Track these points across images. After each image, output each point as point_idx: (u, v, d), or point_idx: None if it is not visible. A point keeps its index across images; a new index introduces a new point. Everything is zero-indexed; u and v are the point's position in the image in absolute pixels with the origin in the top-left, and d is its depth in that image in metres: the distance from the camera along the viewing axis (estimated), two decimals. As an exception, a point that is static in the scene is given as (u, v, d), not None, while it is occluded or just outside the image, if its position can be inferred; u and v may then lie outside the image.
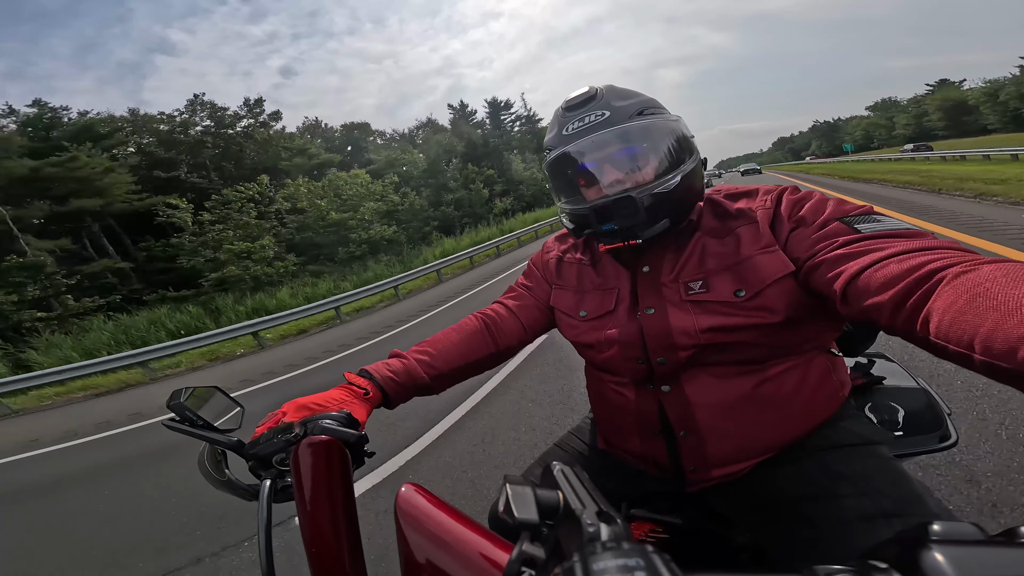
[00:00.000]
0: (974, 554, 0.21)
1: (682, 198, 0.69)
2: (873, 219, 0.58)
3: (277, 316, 9.38)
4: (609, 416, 0.82)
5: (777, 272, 0.63)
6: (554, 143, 0.75)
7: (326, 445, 0.56)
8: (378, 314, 9.67)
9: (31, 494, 3.68)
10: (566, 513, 0.27)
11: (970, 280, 0.41)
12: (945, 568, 0.20)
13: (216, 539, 2.37)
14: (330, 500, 0.54)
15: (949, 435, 0.93)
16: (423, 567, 0.42)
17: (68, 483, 3.75)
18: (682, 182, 0.68)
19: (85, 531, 2.82)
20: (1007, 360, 0.35)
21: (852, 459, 0.65)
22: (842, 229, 0.58)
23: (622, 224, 0.68)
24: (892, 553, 0.23)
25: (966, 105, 66.96)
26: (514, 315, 0.90)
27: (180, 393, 0.62)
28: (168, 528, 2.60)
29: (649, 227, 0.68)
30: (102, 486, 3.51)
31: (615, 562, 0.20)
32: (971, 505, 1.48)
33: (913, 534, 0.23)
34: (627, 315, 0.74)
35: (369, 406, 0.70)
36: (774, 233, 0.66)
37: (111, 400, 7.02)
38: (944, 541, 0.21)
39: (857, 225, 0.58)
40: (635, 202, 0.66)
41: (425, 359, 0.79)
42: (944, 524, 0.23)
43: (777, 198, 0.69)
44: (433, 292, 10.80)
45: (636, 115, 0.70)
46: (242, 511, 2.50)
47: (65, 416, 6.45)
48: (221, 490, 0.61)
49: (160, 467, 3.63)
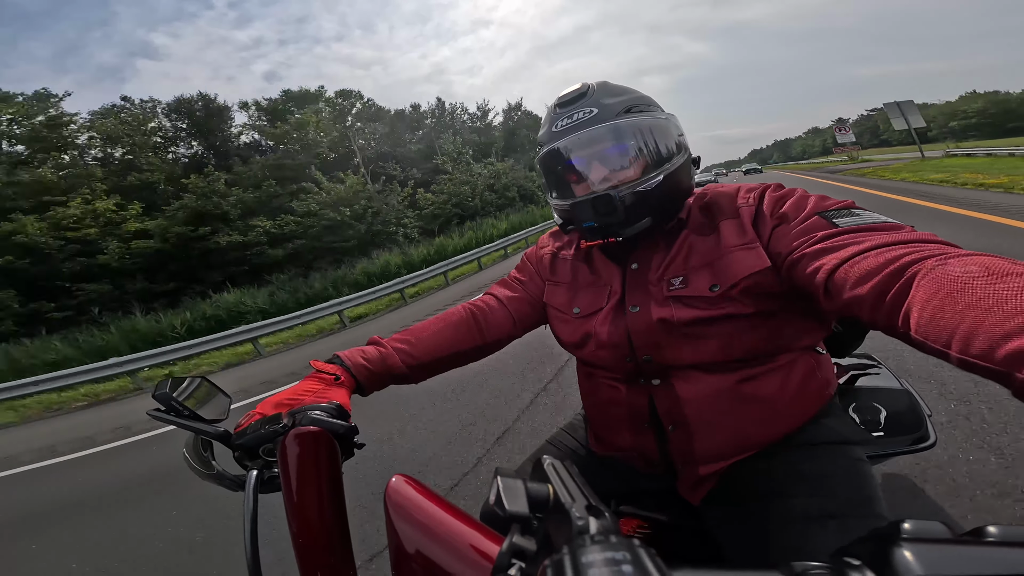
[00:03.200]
0: (942, 552, 0.22)
1: (666, 196, 0.70)
2: (852, 213, 0.59)
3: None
4: (600, 411, 0.83)
5: (752, 267, 0.64)
6: (544, 139, 0.76)
7: (314, 436, 0.55)
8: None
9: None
10: (556, 506, 0.27)
11: (947, 274, 0.42)
12: (914, 565, 0.21)
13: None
14: (318, 491, 0.54)
15: (928, 436, 0.96)
16: (413, 558, 0.42)
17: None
18: (665, 181, 0.69)
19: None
20: (986, 359, 0.36)
21: (820, 459, 0.67)
22: (821, 223, 0.59)
23: (601, 222, 0.69)
24: (865, 550, 0.24)
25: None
26: (504, 307, 0.89)
27: (166, 383, 0.60)
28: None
29: (630, 225, 0.69)
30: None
31: (603, 555, 0.21)
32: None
33: (885, 532, 0.24)
34: (614, 313, 0.75)
35: (346, 391, 0.68)
36: (756, 230, 0.66)
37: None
38: (914, 539, 0.22)
39: (836, 219, 0.58)
40: (613, 200, 0.67)
41: (404, 348, 0.78)
42: (914, 523, 0.24)
43: (760, 195, 0.69)
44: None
45: (624, 112, 0.71)
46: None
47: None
48: (207, 481, 0.60)
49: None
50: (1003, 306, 0.36)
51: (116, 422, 5.42)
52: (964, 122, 69.34)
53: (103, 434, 5.04)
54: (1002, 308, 0.36)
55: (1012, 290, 0.36)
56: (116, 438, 4.79)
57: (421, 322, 0.85)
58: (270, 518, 0.59)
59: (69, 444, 4.95)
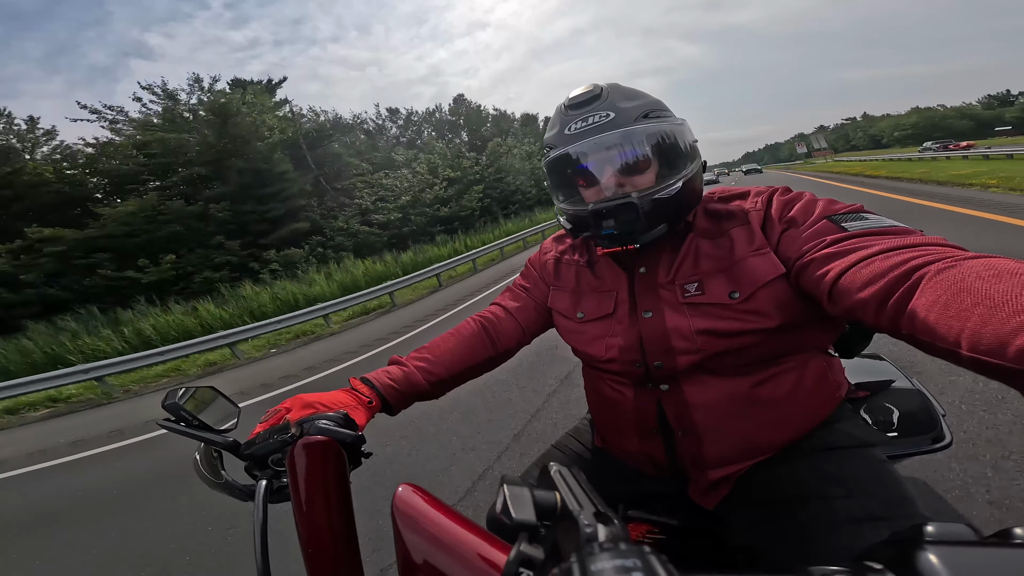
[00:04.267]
0: (968, 555, 0.21)
1: (682, 203, 0.69)
2: (861, 217, 0.59)
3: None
4: (607, 415, 0.82)
5: (768, 274, 0.63)
6: (555, 141, 0.74)
7: (322, 445, 0.55)
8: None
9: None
10: (563, 514, 0.27)
11: (952, 276, 0.42)
12: (939, 569, 0.20)
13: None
14: (326, 501, 0.54)
15: (943, 436, 0.93)
16: (421, 568, 0.41)
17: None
18: (683, 187, 0.68)
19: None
20: (996, 356, 0.35)
21: (844, 461, 0.65)
22: (830, 227, 0.59)
23: (622, 229, 0.68)
24: (887, 554, 0.23)
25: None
26: (512, 317, 0.90)
27: (176, 393, 0.61)
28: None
29: (647, 232, 0.69)
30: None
31: (612, 563, 0.20)
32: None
33: (907, 535, 0.23)
34: (627, 319, 0.74)
35: (370, 413, 0.70)
36: (766, 235, 0.66)
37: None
38: (938, 542, 0.22)
39: (844, 223, 0.58)
40: (636, 208, 0.66)
41: (424, 365, 0.80)
42: (938, 525, 0.23)
43: (768, 199, 0.69)
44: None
45: (642, 117, 0.69)
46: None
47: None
48: (217, 491, 0.61)
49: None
50: (1011, 303, 0.36)
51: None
52: (903, 132, 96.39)
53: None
54: (1010, 304, 0.36)
55: (1020, 287, 0.36)
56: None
57: (435, 339, 0.86)
58: (280, 527, 0.58)
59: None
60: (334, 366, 5.79)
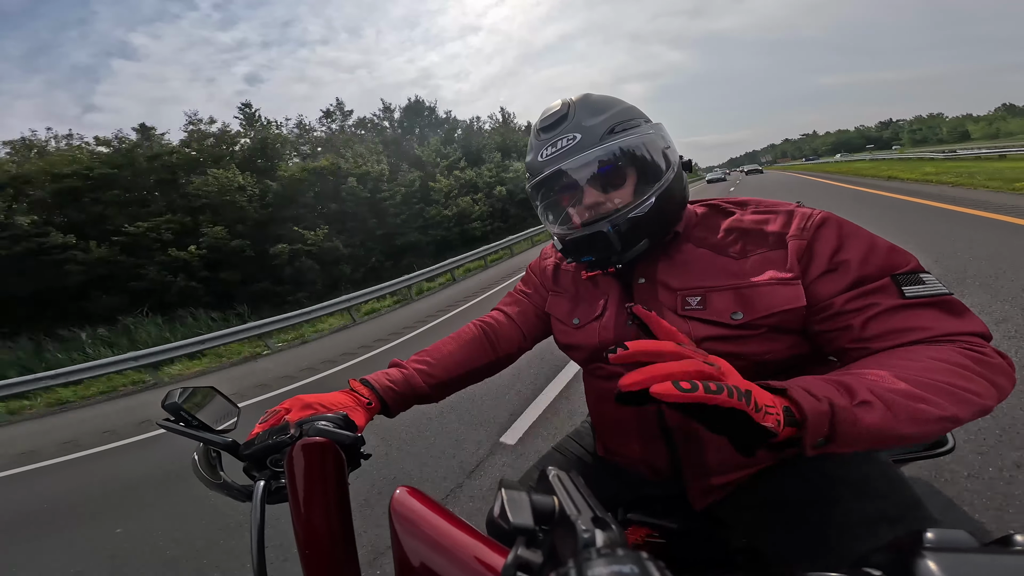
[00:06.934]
0: (968, 561, 0.21)
1: (660, 216, 0.68)
2: (919, 280, 0.56)
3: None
4: (608, 420, 0.82)
5: (785, 303, 0.60)
6: (531, 168, 0.75)
7: (321, 447, 0.55)
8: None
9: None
10: (561, 518, 0.27)
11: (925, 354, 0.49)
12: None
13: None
14: (324, 502, 0.54)
15: (946, 441, 0.93)
16: (418, 571, 0.41)
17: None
18: (658, 201, 0.67)
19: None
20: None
21: (852, 464, 0.64)
22: (891, 289, 0.56)
23: (598, 256, 0.70)
24: (886, 560, 0.23)
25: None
26: (513, 322, 0.91)
27: (175, 393, 0.61)
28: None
29: (627, 252, 0.69)
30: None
31: (609, 568, 0.20)
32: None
33: (907, 541, 0.23)
34: (615, 320, 0.74)
35: (369, 414, 0.70)
36: (802, 266, 0.61)
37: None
38: (938, 549, 0.21)
39: (905, 287, 0.55)
40: (607, 236, 0.67)
41: (424, 368, 0.80)
42: (938, 531, 0.23)
43: (816, 230, 0.62)
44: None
45: (608, 134, 0.68)
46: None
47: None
48: (215, 491, 0.61)
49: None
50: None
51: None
52: (827, 147, 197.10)
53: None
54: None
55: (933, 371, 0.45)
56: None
57: (436, 343, 0.87)
58: (278, 527, 0.58)
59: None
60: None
